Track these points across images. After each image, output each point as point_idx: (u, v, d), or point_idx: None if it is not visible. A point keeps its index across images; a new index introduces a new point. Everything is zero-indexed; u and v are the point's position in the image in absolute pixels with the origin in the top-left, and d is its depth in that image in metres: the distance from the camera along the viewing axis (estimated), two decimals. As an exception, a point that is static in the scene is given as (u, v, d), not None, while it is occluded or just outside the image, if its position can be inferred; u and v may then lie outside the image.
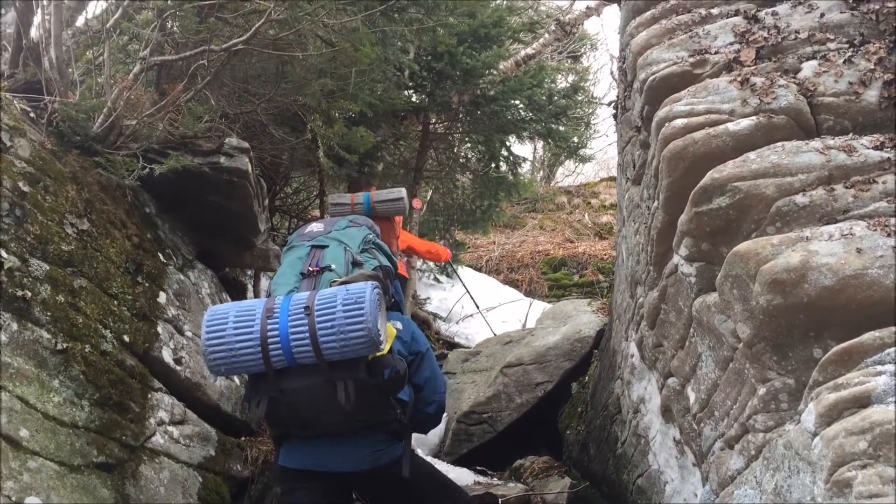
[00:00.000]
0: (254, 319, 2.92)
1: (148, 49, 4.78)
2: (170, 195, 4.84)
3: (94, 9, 7.09)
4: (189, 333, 4.54)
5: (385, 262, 3.50)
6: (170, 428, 4.11)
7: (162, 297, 4.41)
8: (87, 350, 3.59)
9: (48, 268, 3.54)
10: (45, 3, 4.66)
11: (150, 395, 4.02)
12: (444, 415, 6.96)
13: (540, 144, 18.37)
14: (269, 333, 2.88)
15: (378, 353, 3.00)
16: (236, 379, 4.94)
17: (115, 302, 3.95)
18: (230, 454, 4.61)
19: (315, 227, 3.68)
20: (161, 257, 4.58)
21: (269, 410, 3.04)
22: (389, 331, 3.20)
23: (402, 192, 6.74)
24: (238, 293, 6.17)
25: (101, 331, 3.76)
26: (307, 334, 2.85)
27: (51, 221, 3.69)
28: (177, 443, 4.12)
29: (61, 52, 4.40)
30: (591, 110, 16.32)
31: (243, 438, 4.91)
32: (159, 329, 4.26)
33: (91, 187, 4.12)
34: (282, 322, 2.90)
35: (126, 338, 3.93)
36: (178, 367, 4.31)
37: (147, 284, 4.29)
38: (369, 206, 6.63)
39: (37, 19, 4.74)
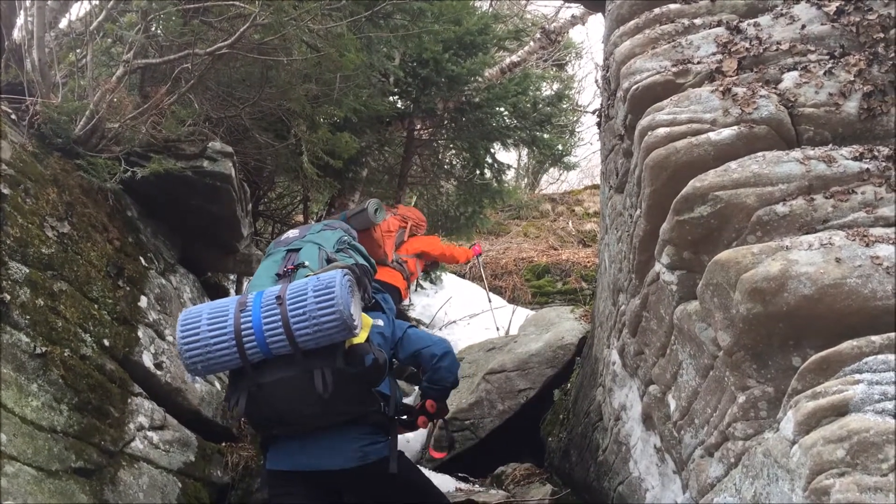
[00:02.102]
0: (227, 315, 3.00)
1: (131, 52, 4.76)
2: (152, 199, 4.82)
3: (77, 11, 7.06)
4: (170, 338, 4.51)
5: (361, 261, 3.56)
6: (149, 433, 4.08)
7: (143, 302, 4.38)
8: (66, 354, 3.56)
9: (28, 271, 3.51)
10: (27, 4, 4.62)
11: (129, 400, 3.99)
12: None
13: (524, 152, 18.47)
14: (243, 326, 2.96)
15: (355, 342, 3.06)
16: (217, 384, 4.92)
17: (96, 306, 3.92)
18: (210, 460, 4.58)
19: (291, 233, 3.78)
20: (142, 261, 4.55)
21: (250, 408, 3.08)
22: (366, 320, 3.24)
23: (368, 202, 6.88)
24: (220, 298, 6.14)
25: (80, 335, 3.73)
26: (280, 323, 2.93)
27: (31, 224, 3.65)
28: (156, 448, 4.09)
29: (44, 53, 4.37)
30: (575, 118, 16.44)
31: (224, 444, 4.88)
32: (140, 333, 4.23)
33: (72, 190, 4.08)
34: (255, 313, 2.98)
35: (106, 342, 3.90)
36: (159, 372, 4.28)
37: (128, 288, 4.26)
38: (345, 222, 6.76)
39: (19, 21, 4.70)
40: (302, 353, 2.98)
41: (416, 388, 7.29)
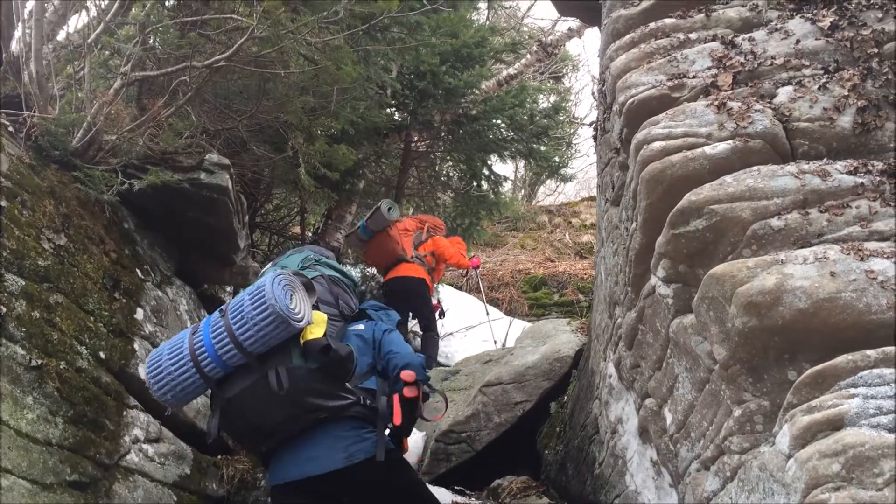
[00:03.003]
0: (183, 343, 3.19)
1: (129, 64, 4.77)
2: (149, 211, 4.82)
3: (75, 23, 7.09)
4: (166, 350, 4.50)
5: (330, 272, 3.66)
6: (145, 446, 4.07)
7: (139, 314, 4.37)
8: (62, 367, 3.55)
9: (24, 283, 3.51)
10: (25, 17, 4.64)
11: (125, 413, 3.98)
12: (423, 433, 6.98)
13: (521, 164, 18.50)
14: (196, 347, 3.13)
15: (309, 337, 3.16)
16: (213, 396, 4.90)
17: (92, 318, 3.91)
18: (206, 473, 4.56)
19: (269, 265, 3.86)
20: (139, 273, 4.55)
21: (226, 425, 3.22)
22: (319, 316, 3.30)
23: (381, 202, 7.72)
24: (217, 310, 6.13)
25: (76, 347, 3.72)
26: (226, 333, 3.09)
27: (27, 236, 3.65)
28: (151, 461, 4.07)
29: (42, 66, 4.38)
30: (572, 130, 16.52)
31: (219, 457, 4.86)
32: (136, 346, 4.22)
33: (69, 202, 4.09)
34: (205, 333, 3.16)
35: (102, 354, 3.89)
36: (155, 385, 4.27)
37: (124, 300, 4.25)
38: (364, 227, 7.76)
39: (17, 33, 4.72)
40: (256, 358, 3.11)
41: None
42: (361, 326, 3.52)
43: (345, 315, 3.53)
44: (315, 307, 3.35)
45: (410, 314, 8.24)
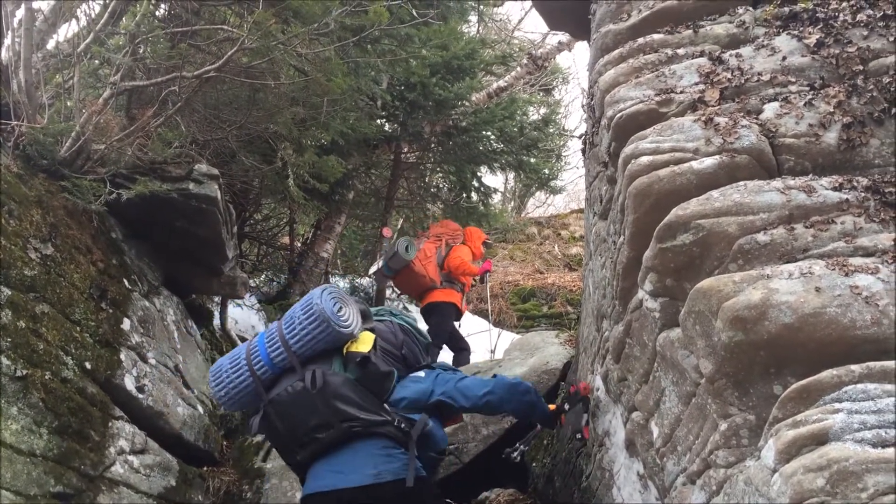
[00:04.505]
0: (241, 349, 3.54)
1: (119, 74, 4.77)
2: (137, 221, 4.81)
3: (65, 32, 7.07)
4: (153, 361, 4.48)
5: (401, 322, 3.89)
6: (130, 457, 4.04)
7: (126, 324, 4.35)
8: (47, 377, 3.53)
9: (10, 293, 3.49)
10: (15, 25, 4.63)
11: (110, 424, 3.96)
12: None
13: (511, 175, 18.53)
14: (252, 349, 3.47)
15: (352, 349, 3.42)
16: (199, 407, 4.88)
17: (78, 328, 3.89)
18: (192, 484, 4.54)
19: None
20: (126, 283, 4.53)
21: (268, 429, 3.43)
22: (367, 335, 3.54)
23: (397, 243, 7.86)
24: (204, 320, 6.11)
25: (62, 357, 3.70)
26: (277, 335, 3.44)
27: (14, 246, 3.64)
28: (137, 472, 4.05)
29: (31, 75, 4.37)
30: (562, 142, 16.55)
31: (205, 468, 4.84)
32: (122, 356, 4.20)
33: (57, 211, 4.07)
34: (260, 339, 3.52)
35: (88, 365, 3.87)
36: (141, 395, 4.25)
37: (111, 310, 4.23)
38: (387, 266, 7.98)
39: (6, 41, 4.70)
40: (300, 362, 3.37)
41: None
42: (422, 374, 3.68)
43: (408, 361, 3.73)
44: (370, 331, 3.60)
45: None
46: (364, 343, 3.48)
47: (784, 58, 3.37)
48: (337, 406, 3.28)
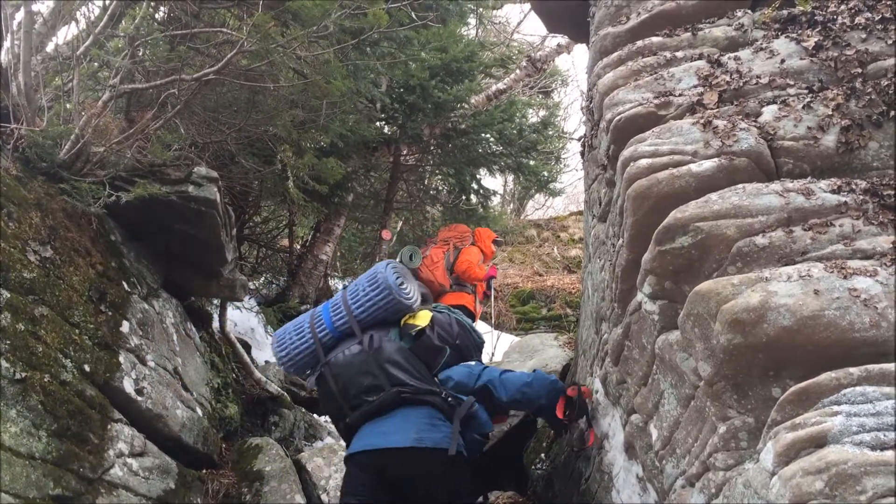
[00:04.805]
0: (305, 317, 3.81)
1: (118, 77, 4.77)
2: (136, 223, 4.81)
3: (64, 35, 7.06)
4: (152, 363, 4.48)
5: (459, 318, 4.00)
6: (129, 460, 4.04)
7: (125, 326, 4.35)
8: (46, 380, 3.53)
9: (9, 295, 3.49)
10: (14, 28, 4.63)
11: (109, 427, 3.95)
12: None
13: (510, 178, 18.52)
14: (315, 316, 3.75)
15: (409, 321, 3.67)
16: (198, 410, 4.88)
17: (77, 331, 3.89)
18: (191, 487, 4.53)
19: None
20: (125, 286, 4.53)
21: (321, 388, 3.64)
22: (425, 313, 3.78)
23: (400, 253, 7.45)
24: (203, 322, 6.10)
25: (61, 360, 3.70)
26: (341, 303, 3.71)
27: (13, 248, 3.64)
28: (136, 475, 4.04)
29: (30, 77, 4.37)
30: (561, 145, 16.56)
31: (204, 471, 4.83)
32: (121, 359, 4.19)
33: (56, 214, 4.07)
34: (324, 307, 3.79)
35: (87, 367, 3.87)
36: (140, 398, 4.25)
37: (110, 313, 4.23)
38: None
39: (6, 44, 4.70)
40: (360, 329, 3.61)
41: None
42: (472, 363, 3.92)
43: (461, 352, 3.86)
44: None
45: None
46: (421, 319, 3.69)
47: (782, 60, 3.37)
48: (389, 370, 3.48)
